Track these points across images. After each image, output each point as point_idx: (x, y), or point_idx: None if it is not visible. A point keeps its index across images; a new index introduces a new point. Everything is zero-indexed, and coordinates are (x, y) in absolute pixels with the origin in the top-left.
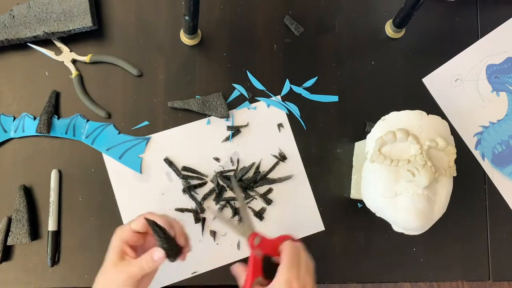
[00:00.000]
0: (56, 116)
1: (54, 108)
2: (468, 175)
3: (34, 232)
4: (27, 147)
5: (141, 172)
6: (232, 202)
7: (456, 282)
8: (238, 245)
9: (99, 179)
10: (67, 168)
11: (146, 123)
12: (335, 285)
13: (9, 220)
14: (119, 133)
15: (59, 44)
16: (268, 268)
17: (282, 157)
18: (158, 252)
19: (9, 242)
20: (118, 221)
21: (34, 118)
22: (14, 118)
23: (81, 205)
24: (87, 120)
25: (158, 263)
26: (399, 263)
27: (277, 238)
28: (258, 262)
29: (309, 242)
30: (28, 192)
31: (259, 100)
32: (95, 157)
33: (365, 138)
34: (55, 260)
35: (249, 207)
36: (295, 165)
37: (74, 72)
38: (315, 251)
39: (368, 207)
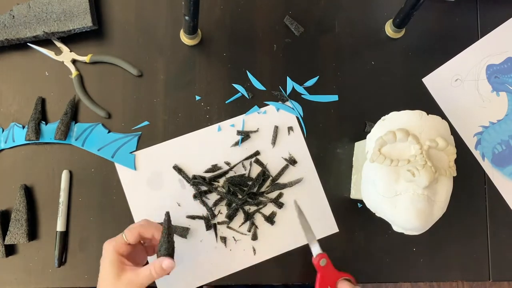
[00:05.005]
0: (44, 122)
1: (41, 114)
2: (468, 175)
3: (32, 232)
4: (28, 147)
5: (135, 168)
6: (244, 207)
7: (456, 282)
8: (254, 250)
9: (99, 180)
10: (67, 168)
11: (146, 123)
12: None
13: (2, 215)
14: (108, 132)
15: (59, 44)
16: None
17: (292, 161)
18: (167, 261)
19: (6, 242)
20: (119, 221)
21: (23, 127)
22: (3, 130)
23: (81, 206)
24: (75, 122)
25: (167, 272)
26: (399, 263)
27: (340, 272)
28: (324, 282)
29: None
30: (28, 192)
31: (268, 104)
32: (95, 157)
33: (365, 138)
34: (62, 261)
35: (259, 212)
36: (306, 167)
37: (74, 72)
38: None
39: (368, 207)
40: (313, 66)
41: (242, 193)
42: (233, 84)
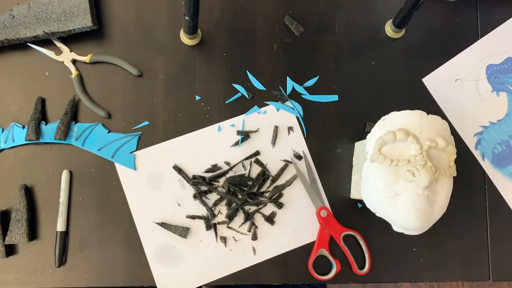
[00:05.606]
0: (44, 122)
1: (42, 114)
2: (468, 175)
3: (32, 232)
4: (28, 147)
5: (135, 168)
6: (244, 207)
7: (456, 282)
8: (254, 250)
9: (99, 180)
10: (67, 168)
11: (146, 123)
12: (335, 285)
13: (2, 215)
14: (108, 132)
15: (59, 44)
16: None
17: (298, 157)
18: None
19: (6, 242)
20: (119, 221)
21: (23, 127)
22: (3, 130)
23: (81, 206)
24: (75, 122)
25: None
26: (399, 263)
27: (344, 227)
28: (325, 236)
29: (309, 241)
30: (28, 192)
31: (268, 104)
32: (95, 157)
33: (365, 138)
34: (62, 261)
35: (259, 212)
36: (306, 167)
37: (74, 72)
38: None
39: (368, 207)
40: (313, 66)
41: (242, 193)
42: (233, 84)
